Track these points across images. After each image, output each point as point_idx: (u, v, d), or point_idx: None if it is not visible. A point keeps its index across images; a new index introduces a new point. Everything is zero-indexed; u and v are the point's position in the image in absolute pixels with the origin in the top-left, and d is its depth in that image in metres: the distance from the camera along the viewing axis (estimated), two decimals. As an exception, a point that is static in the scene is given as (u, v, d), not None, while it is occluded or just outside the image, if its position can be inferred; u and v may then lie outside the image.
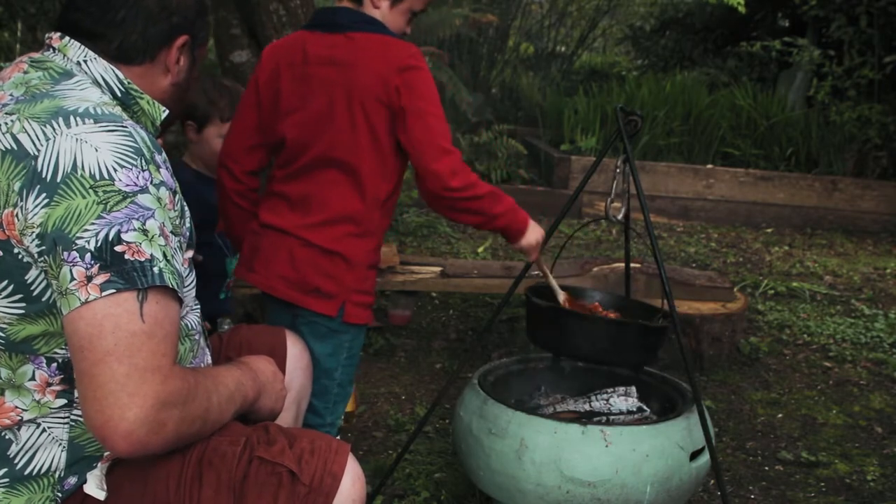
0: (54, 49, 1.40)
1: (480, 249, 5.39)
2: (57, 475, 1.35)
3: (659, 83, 7.74)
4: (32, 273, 1.24)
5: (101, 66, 1.38)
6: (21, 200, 1.21)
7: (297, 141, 1.97)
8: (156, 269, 1.22)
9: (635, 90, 7.69)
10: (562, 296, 2.32)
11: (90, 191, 1.20)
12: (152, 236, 1.23)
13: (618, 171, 2.26)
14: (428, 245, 5.46)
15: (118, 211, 1.20)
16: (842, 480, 2.75)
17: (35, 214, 1.20)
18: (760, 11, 8.36)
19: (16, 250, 1.23)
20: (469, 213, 1.99)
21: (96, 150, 1.22)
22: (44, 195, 1.20)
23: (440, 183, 1.92)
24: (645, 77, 8.48)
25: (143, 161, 1.26)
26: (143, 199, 1.23)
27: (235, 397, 1.43)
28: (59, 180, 1.20)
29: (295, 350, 1.85)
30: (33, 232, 1.20)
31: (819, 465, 2.85)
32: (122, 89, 1.40)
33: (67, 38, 1.39)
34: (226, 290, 2.58)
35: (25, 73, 1.36)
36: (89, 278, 1.18)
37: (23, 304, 1.26)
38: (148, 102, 1.43)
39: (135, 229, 1.21)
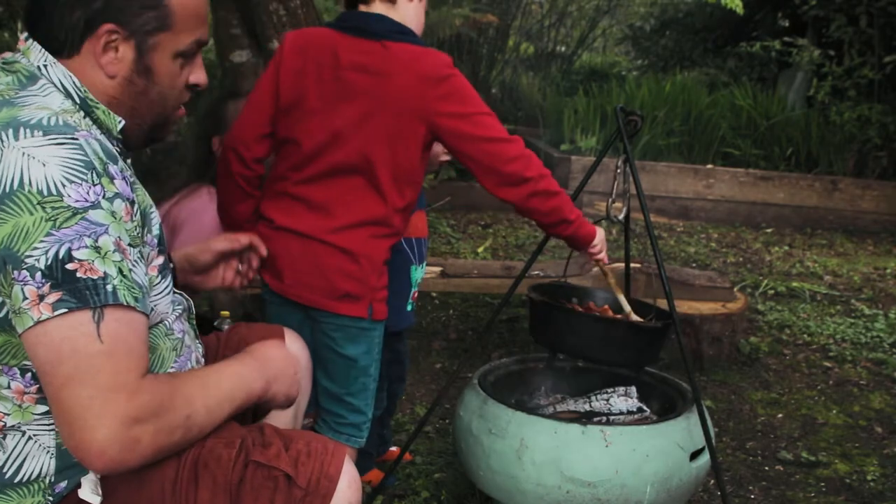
0: (21, 51, 1.36)
1: (480, 249, 5.39)
2: (47, 480, 1.34)
3: (659, 83, 7.74)
4: None
5: (59, 72, 1.33)
6: None
7: (316, 144, 1.94)
8: (109, 288, 1.19)
9: (635, 90, 7.69)
10: (628, 309, 2.32)
11: (38, 207, 1.16)
12: (105, 253, 1.20)
13: (618, 171, 2.26)
14: (428, 245, 5.46)
15: (68, 227, 1.17)
16: (842, 480, 2.75)
17: None
18: (760, 11, 8.36)
19: None
20: (546, 196, 2.00)
21: (44, 165, 1.18)
22: None
23: (520, 165, 1.94)
24: (645, 77, 8.48)
25: (93, 175, 1.21)
26: (94, 214, 1.20)
27: (235, 395, 1.40)
28: (4, 197, 1.17)
29: (294, 348, 1.84)
30: None
31: (819, 465, 2.85)
32: (80, 96, 1.34)
33: (31, 40, 1.35)
34: (411, 301, 2.41)
35: None
36: (41, 297, 1.16)
37: None
38: (104, 112, 1.36)
39: (86, 246, 1.18)
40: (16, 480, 1.32)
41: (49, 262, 1.16)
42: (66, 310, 1.16)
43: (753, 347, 3.82)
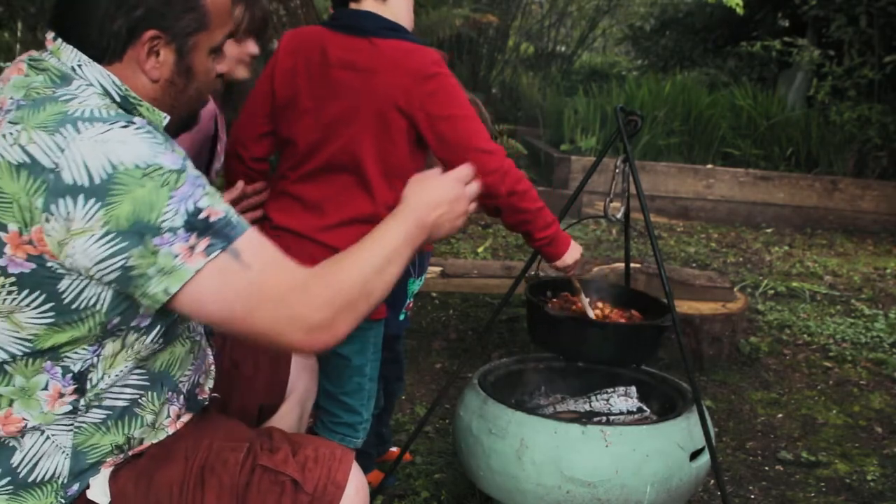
0: (50, 51, 1.35)
1: (480, 249, 5.39)
2: (60, 481, 1.34)
3: (659, 83, 7.74)
4: (64, 283, 1.24)
5: (96, 71, 1.33)
6: (52, 214, 1.19)
7: (309, 143, 1.95)
8: (234, 220, 1.27)
9: (635, 90, 7.69)
10: (591, 313, 2.33)
11: (144, 179, 1.20)
12: (214, 196, 1.27)
13: (617, 170, 2.26)
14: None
15: (181, 187, 1.23)
16: (842, 480, 2.75)
17: (91, 219, 1.18)
18: (760, 11, 8.36)
19: (49, 264, 1.22)
20: (514, 212, 1.99)
21: (124, 144, 1.21)
22: (92, 200, 1.18)
23: (495, 179, 1.92)
24: (645, 77, 8.48)
25: (168, 143, 1.27)
26: (190, 171, 1.26)
27: (400, 253, 1.42)
28: (102, 183, 1.18)
29: None
30: (94, 235, 1.19)
31: (819, 465, 2.85)
32: (121, 94, 1.35)
33: (60, 40, 1.35)
34: (405, 311, 2.44)
35: (26, 75, 1.32)
36: (192, 248, 1.22)
37: (52, 314, 1.25)
38: (147, 109, 1.38)
39: (203, 195, 1.25)
40: (30, 480, 1.32)
41: (186, 218, 1.22)
42: (218, 251, 1.24)
43: (753, 347, 3.82)
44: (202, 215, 1.24)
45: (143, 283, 1.23)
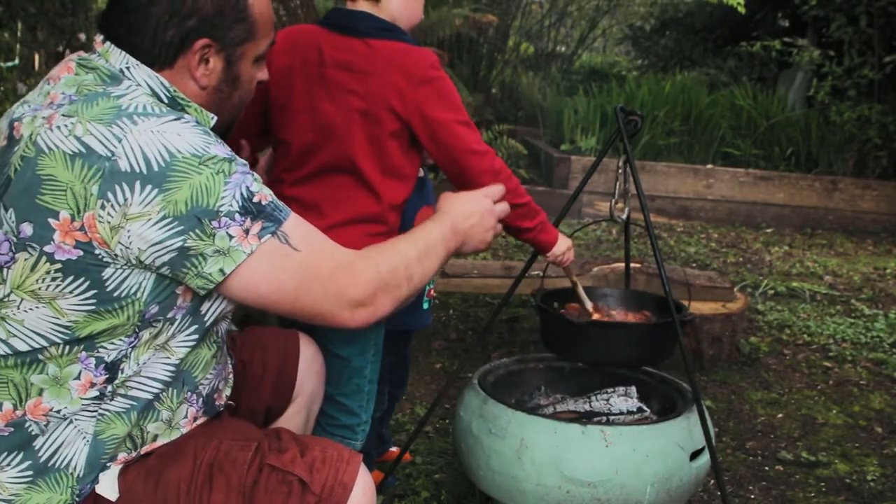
0: (98, 53, 1.38)
1: (480, 249, 5.39)
2: (77, 474, 1.35)
3: (659, 83, 7.74)
4: (108, 271, 1.27)
5: (144, 73, 1.36)
6: (108, 200, 1.23)
7: (304, 144, 1.94)
8: (280, 203, 1.35)
9: (635, 90, 7.69)
10: (589, 304, 2.35)
11: (201, 167, 1.26)
12: (259, 181, 1.33)
13: (619, 171, 2.26)
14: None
15: (235, 174, 1.29)
16: (842, 480, 2.75)
17: (149, 205, 1.23)
18: (760, 11, 8.36)
19: (97, 251, 1.25)
20: (511, 207, 1.99)
21: (179, 135, 1.26)
22: (150, 187, 1.23)
23: (486, 179, 1.92)
24: (645, 77, 8.48)
25: (215, 137, 1.32)
26: (238, 159, 1.32)
27: (438, 250, 1.55)
28: (160, 170, 1.23)
29: (308, 353, 1.84)
30: (151, 219, 1.24)
31: (819, 465, 2.85)
32: (169, 96, 1.37)
33: (109, 43, 1.38)
34: (427, 298, 2.40)
35: (76, 74, 1.35)
36: (247, 231, 1.29)
37: (94, 302, 1.28)
38: (196, 110, 1.40)
39: (253, 181, 1.31)
40: (49, 464, 1.34)
41: (241, 203, 1.29)
42: (269, 235, 1.31)
43: (753, 347, 3.83)
44: (255, 199, 1.30)
45: (198, 263, 1.28)
